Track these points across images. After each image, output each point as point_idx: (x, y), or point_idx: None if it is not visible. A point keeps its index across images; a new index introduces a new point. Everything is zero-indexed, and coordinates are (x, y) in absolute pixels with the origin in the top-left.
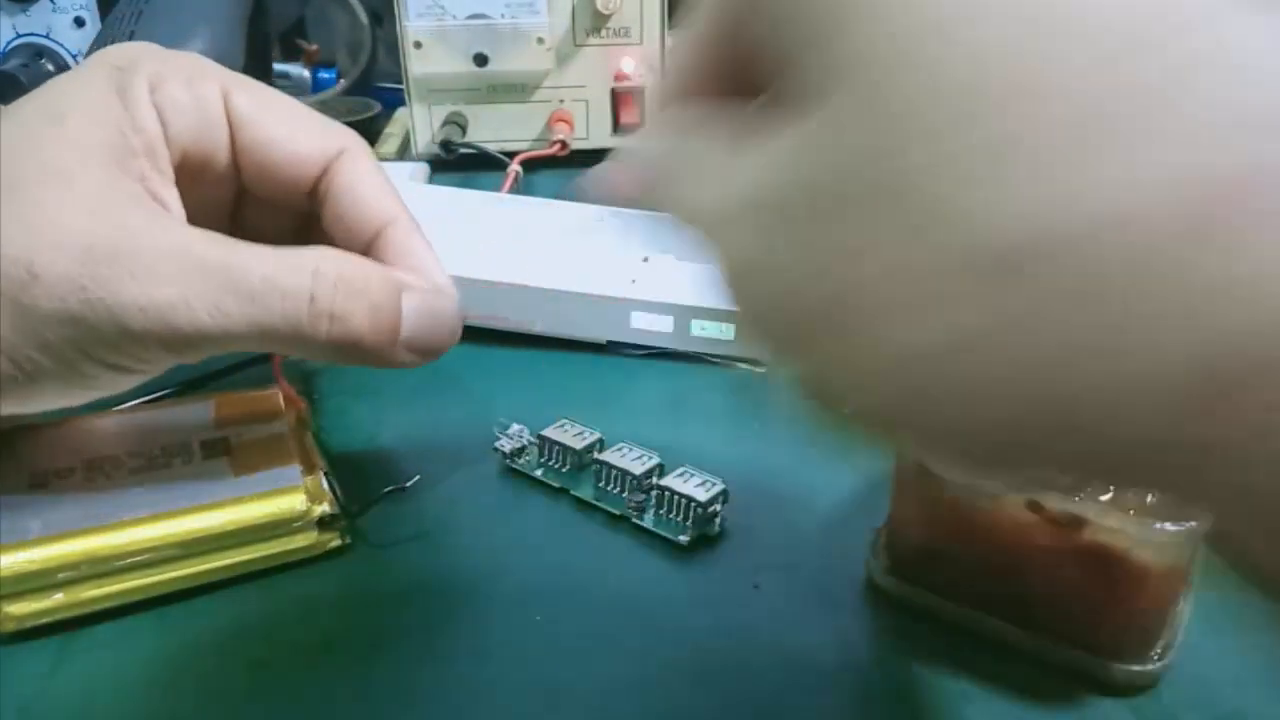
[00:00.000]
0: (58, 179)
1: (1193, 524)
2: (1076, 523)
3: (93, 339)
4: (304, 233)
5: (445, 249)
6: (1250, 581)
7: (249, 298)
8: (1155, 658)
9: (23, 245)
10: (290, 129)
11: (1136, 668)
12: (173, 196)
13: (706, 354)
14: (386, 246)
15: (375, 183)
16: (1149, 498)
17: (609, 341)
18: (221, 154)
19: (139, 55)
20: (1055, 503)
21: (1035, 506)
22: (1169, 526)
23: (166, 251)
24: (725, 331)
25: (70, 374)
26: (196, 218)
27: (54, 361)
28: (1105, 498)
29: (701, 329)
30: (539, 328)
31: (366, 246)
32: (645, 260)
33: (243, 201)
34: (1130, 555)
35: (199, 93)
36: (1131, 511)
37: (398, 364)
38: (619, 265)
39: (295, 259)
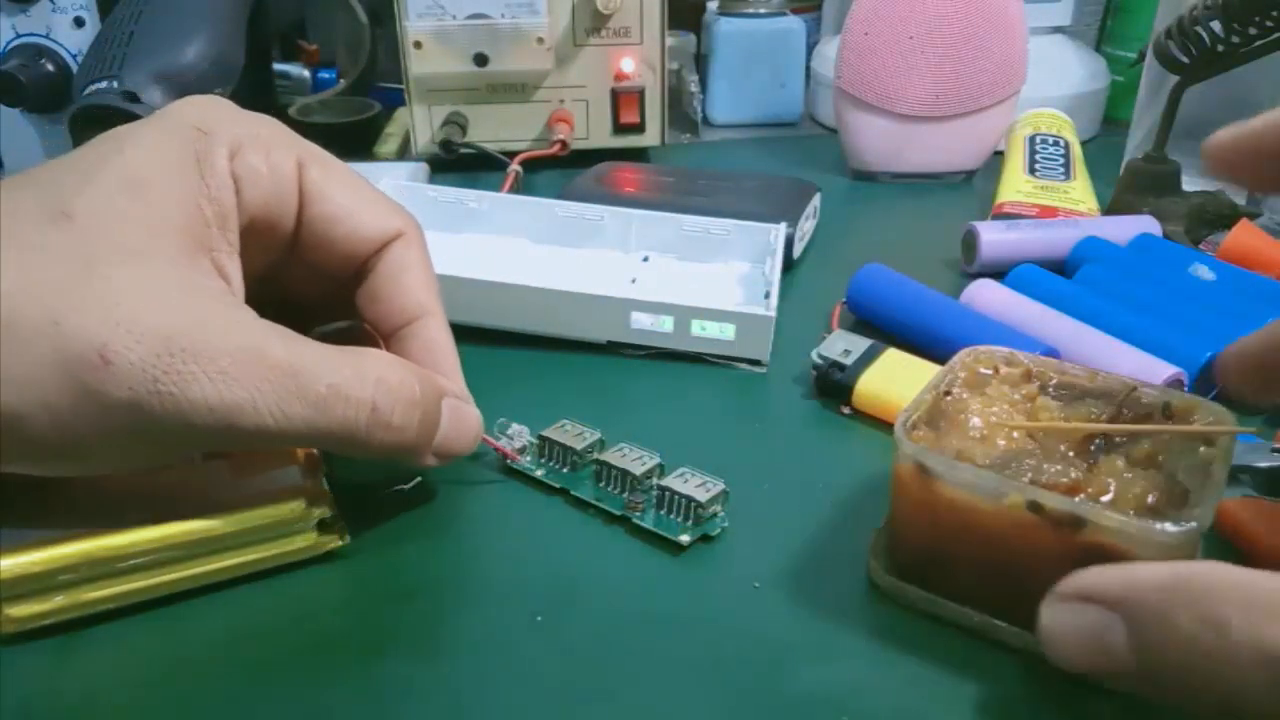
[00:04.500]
0: (135, 260)
1: (1193, 524)
2: (1077, 523)
3: (154, 428)
4: (340, 295)
5: (445, 249)
6: None
7: (313, 404)
8: None
9: (98, 330)
10: (356, 206)
11: None
12: (235, 268)
13: (707, 354)
14: (415, 339)
15: (421, 274)
16: (1150, 498)
17: (609, 342)
18: (287, 223)
19: (221, 118)
20: (1056, 503)
21: (1035, 507)
22: (1169, 527)
23: (240, 352)
24: (725, 331)
25: (119, 454)
26: (246, 276)
27: (109, 443)
28: (1106, 498)
29: (702, 329)
30: (538, 328)
31: (394, 331)
32: (645, 260)
33: (288, 265)
34: (1131, 556)
35: (276, 163)
36: (1132, 512)
37: (421, 465)
38: (619, 265)
39: (359, 366)
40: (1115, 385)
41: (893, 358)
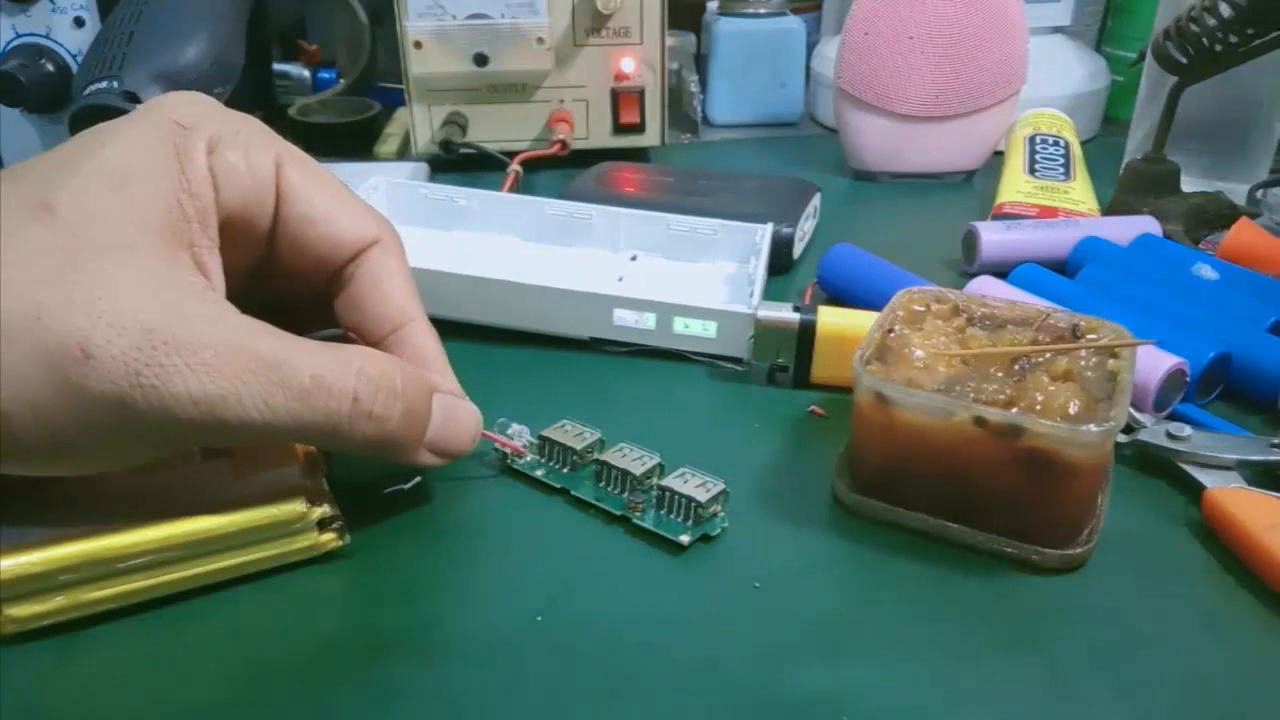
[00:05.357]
0: (117, 254)
1: (1112, 424)
2: (1016, 432)
3: (138, 423)
4: (321, 301)
5: (436, 246)
6: None
7: (296, 395)
8: (1083, 541)
9: (80, 323)
10: (333, 210)
11: (1070, 551)
12: (216, 264)
13: (688, 351)
14: (401, 345)
15: (402, 280)
16: (1071, 407)
17: (591, 338)
18: (264, 222)
19: (202, 114)
20: (997, 417)
21: (980, 422)
22: (1093, 428)
23: (223, 344)
24: (707, 329)
25: (106, 451)
26: (226, 274)
27: (94, 439)
28: (1037, 409)
29: (684, 326)
30: (523, 323)
31: (379, 339)
32: (634, 259)
33: (268, 265)
34: (1062, 454)
35: (254, 161)
36: (1059, 418)
37: (418, 463)
38: (607, 264)
39: (341, 357)
40: (1030, 313)
41: (824, 330)
